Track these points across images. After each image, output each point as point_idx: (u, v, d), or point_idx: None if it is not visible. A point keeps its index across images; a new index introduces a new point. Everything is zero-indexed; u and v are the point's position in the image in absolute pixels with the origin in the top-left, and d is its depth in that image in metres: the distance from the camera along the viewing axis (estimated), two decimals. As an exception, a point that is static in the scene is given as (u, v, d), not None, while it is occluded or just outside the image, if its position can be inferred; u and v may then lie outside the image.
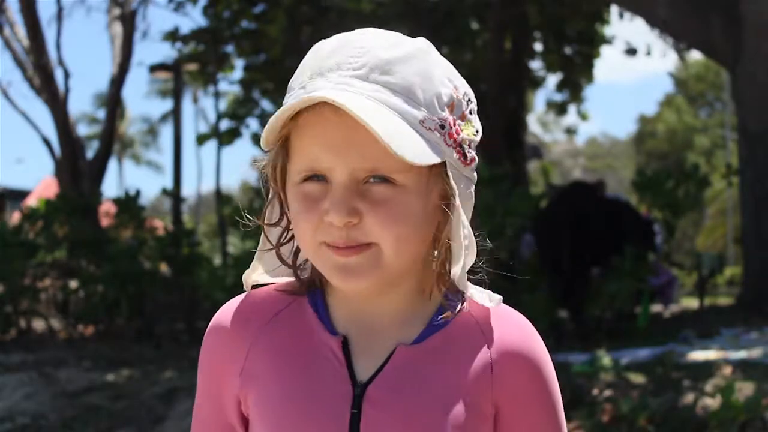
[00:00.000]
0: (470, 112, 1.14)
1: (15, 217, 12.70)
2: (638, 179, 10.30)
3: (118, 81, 13.38)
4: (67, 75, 12.56)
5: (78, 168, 12.43)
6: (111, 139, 13.72)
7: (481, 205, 8.96)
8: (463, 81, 1.15)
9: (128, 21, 13.44)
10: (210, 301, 10.32)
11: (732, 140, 28.10)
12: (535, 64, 17.72)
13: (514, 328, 1.17)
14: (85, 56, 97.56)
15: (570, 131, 22.04)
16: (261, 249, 1.21)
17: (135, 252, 10.41)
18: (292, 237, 1.18)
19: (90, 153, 13.62)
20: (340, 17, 13.87)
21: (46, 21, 37.99)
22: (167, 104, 40.79)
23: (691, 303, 12.76)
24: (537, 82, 18.34)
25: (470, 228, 1.12)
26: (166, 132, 46.08)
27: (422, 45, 1.12)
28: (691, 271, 13.58)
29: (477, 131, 1.15)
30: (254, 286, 1.23)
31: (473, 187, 1.16)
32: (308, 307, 1.19)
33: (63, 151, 12.49)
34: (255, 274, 1.23)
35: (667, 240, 11.03)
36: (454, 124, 1.11)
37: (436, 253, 1.14)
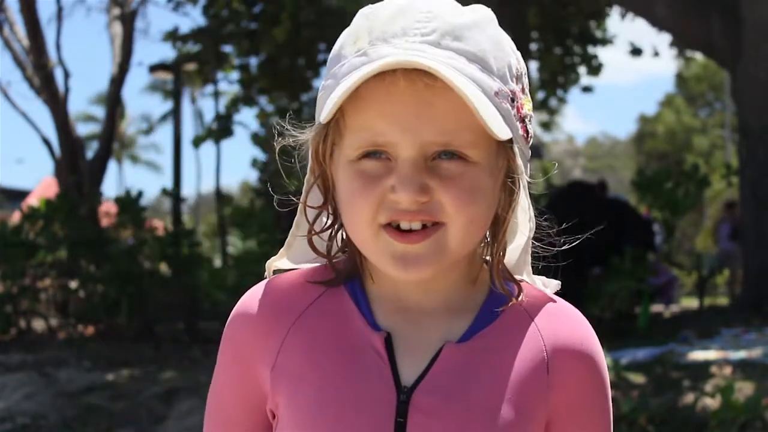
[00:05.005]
0: (528, 86, 1.07)
1: (15, 217, 12.70)
2: (638, 179, 10.31)
3: (118, 81, 13.38)
4: (67, 75, 12.54)
5: (78, 168, 12.42)
6: (111, 139, 13.73)
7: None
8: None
9: (128, 21, 13.43)
10: (210, 301, 10.32)
11: (732, 141, 28.11)
12: (532, 65, 17.71)
13: (570, 323, 1.07)
14: (85, 56, 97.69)
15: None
16: (295, 234, 1.08)
17: (135, 252, 10.41)
18: (333, 224, 1.07)
19: (90, 153, 13.62)
20: (341, 19, 13.87)
21: (46, 21, 38.13)
22: (167, 103, 40.78)
23: (691, 303, 12.76)
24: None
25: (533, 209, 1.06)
26: (166, 131, 46.05)
27: (489, 12, 1.03)
28: (691, 271, 13.60)
29: (532, 107, 1.07)
30: (275, 272, 1.11)
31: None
32: (346, 298, 1.07)
33: (63, 151, 12.47)
34: (279, 262, 1.10)
35: (667, 240, 11.04)
36: (520, 98, 1.03)
37: (491, 236, 1.06)
